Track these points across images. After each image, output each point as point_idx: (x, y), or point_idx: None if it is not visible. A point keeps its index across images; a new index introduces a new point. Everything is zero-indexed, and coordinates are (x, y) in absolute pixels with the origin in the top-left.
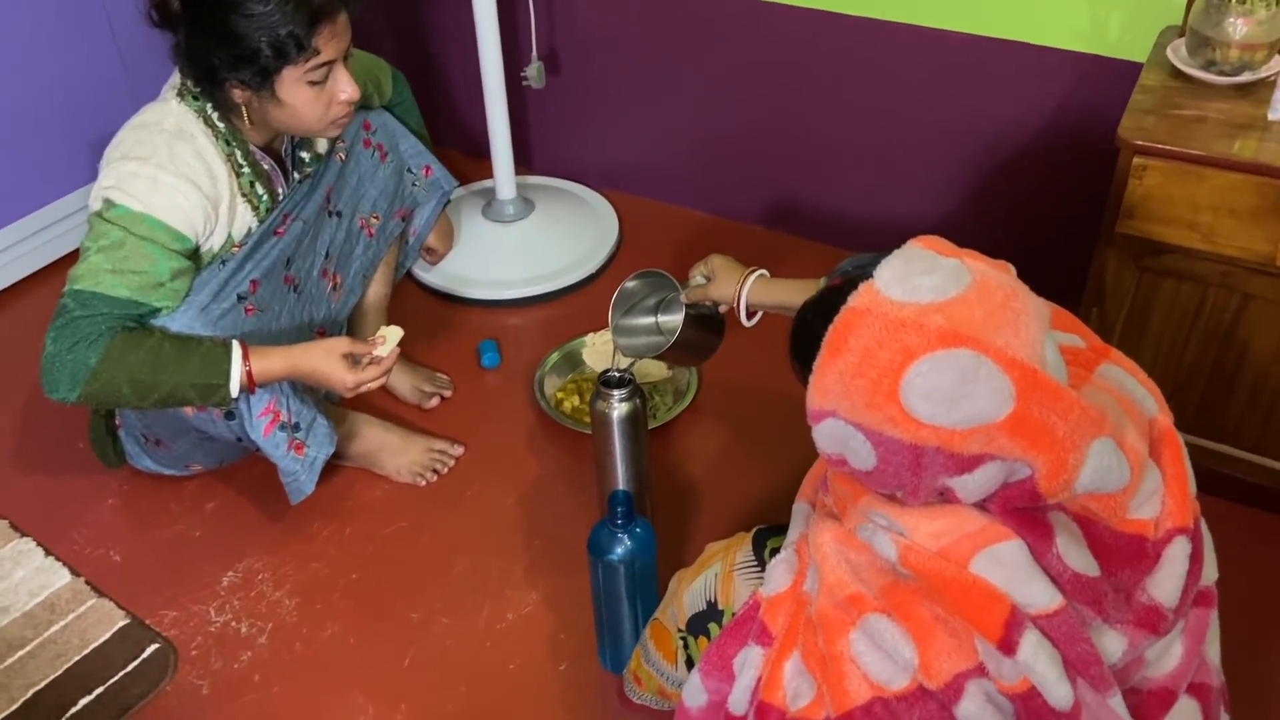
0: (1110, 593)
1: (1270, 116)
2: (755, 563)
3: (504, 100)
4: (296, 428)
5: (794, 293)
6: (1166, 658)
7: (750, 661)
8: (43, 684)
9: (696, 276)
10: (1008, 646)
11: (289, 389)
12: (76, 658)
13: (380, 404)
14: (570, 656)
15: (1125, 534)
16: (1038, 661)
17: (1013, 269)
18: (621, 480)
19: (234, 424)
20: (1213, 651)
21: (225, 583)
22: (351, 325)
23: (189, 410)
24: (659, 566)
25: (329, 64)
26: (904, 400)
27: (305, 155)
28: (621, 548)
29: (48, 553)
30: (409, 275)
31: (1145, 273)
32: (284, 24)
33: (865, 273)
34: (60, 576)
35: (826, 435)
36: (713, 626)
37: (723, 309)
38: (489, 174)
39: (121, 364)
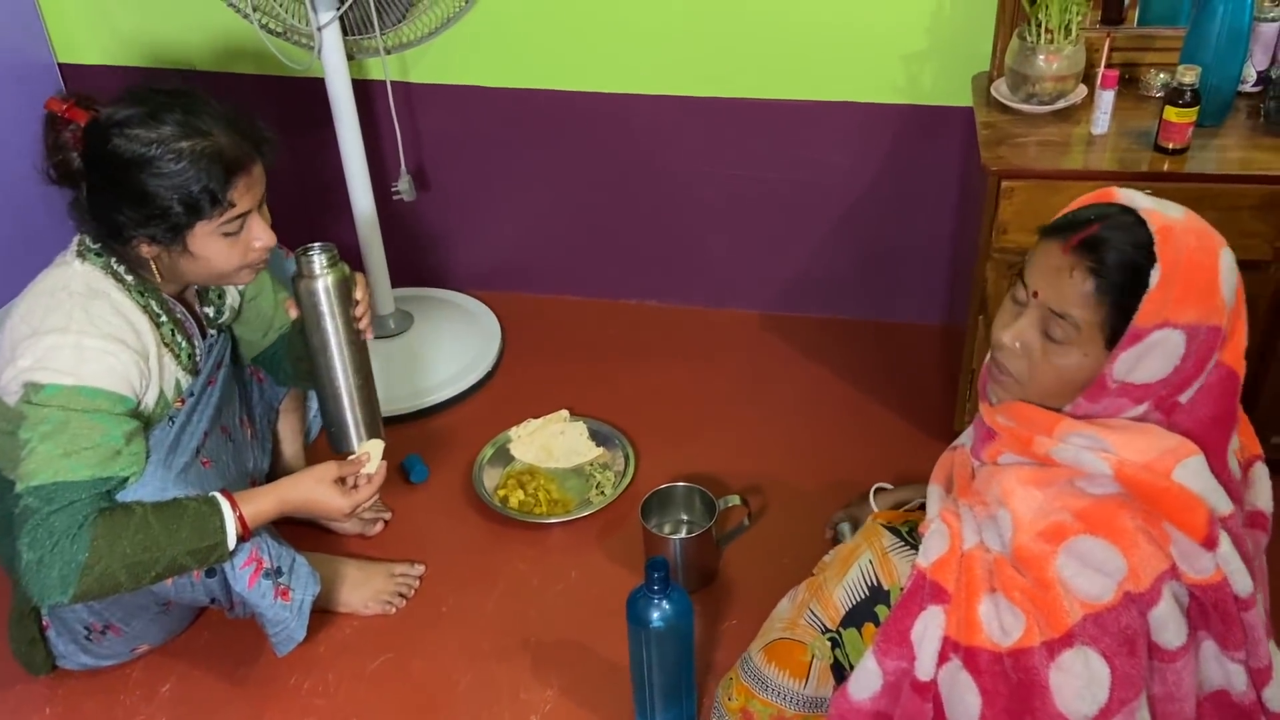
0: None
1: (1094, 132)
2: (903, 542)
3: (375, 217)
4: (279, 572)
5: (908, 492)
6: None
7: (932, 623)
8: None
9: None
10: (1210, 542)
11: (266, 532)
12: None
13: (324, 542)
14: None
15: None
16: (1232, 554)
17: None
18: (342, 374)
19: (214, 581)
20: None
21: None
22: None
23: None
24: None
25: (244, 215)
26: (1221, 289)
27: (209, 310)
28: (659, 612)
29: None
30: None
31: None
32: (197, 180)
33: (1103, 212)
34: None
35: (1149, 347)
36: (880, 609)
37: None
38: None
39: (113, 553)
